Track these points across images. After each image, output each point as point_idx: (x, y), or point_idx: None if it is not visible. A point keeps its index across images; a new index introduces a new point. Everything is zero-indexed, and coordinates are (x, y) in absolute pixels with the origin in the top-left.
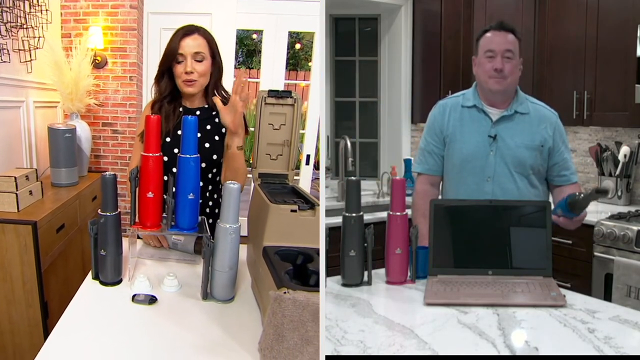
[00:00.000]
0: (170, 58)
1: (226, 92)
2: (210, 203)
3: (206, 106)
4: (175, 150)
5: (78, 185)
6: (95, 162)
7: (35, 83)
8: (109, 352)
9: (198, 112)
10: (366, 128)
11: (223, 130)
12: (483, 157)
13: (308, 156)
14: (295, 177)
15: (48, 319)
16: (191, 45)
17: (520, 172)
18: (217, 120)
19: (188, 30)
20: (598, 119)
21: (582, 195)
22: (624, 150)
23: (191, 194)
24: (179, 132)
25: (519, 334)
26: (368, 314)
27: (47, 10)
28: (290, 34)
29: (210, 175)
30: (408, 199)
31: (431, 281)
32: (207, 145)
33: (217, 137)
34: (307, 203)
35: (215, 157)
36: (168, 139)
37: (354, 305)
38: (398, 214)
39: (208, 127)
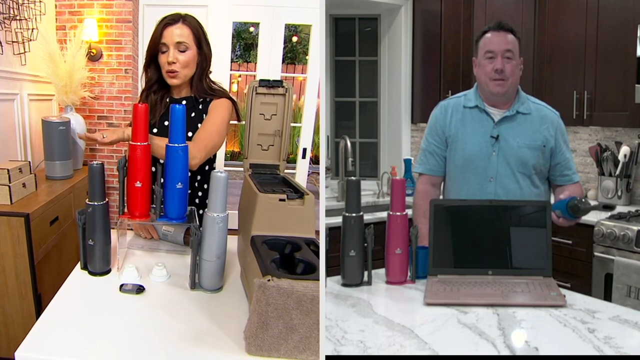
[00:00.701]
0: (154, 48)
1: (214, 82)
2: (200, 193)
3: (192, 96)
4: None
5: (73, 179)
6: (90, 156)
7: (30, 75)
8: (95, 341)
9: (184, 102)
10: (366, 128)
11: (205, 117)
12: (485, 157)
13: (304, 150)
14: (292, 171)
15: (42, 311)
16: (174, 34)
17: (522, 172)
18: (200, 107)
19: (172, 19)
20: (598, 119)
21: (584, 201)
22: (624, 150)
23: (179, 184)
24: (166, 123)
25: (519, 334)
26: (368, 314)
27: (40, 1)
28: (288, 27)
29: None
30: (408, 199)
31: (431, 281)
32: (190, 134)
33: (199, 125)
34: (296, 192)
35: None
36: (155, 130)
37: (354, 305)
38: (398, 214)
39: (192, 114)
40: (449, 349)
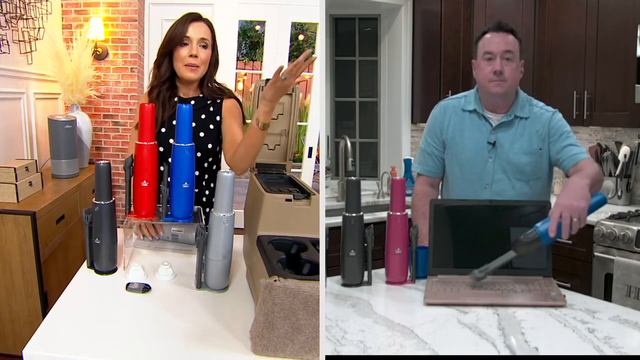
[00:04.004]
0: (176, 41)
1: (219, 84)
2: (207, 192)
3: (201, 95)
4: (171, 141)
5: (79, 177)
6: (96, 154)
7: (36, 74)
8: (101, 339)
9: (193, 102)
10: (366, 128)
11: (217, 118)
12: (482, 163)
13: (310, 149)
14: (298, 170)
15: (48, 309)
16: (198, 31)
17: (520, 178)
18: (211, 109)
19: (195, 17)
20: (598, 119)
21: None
22: (624, 150)
23: (186, 183)
24: (174, 123)
25: (519, 334)
26: (368, 314)
27: (46, 0)
28: (294, 25)
29: (206, 165)
30: (408, 199)
31: (431, 281)
32: (201, 134)
33: (211, 126)
34: (303, 192)
35: (210, 146)
36: (163, 130)
37: (354, 305)
38: (398, 214)
39: (203, 116)
40: (449, 349)
